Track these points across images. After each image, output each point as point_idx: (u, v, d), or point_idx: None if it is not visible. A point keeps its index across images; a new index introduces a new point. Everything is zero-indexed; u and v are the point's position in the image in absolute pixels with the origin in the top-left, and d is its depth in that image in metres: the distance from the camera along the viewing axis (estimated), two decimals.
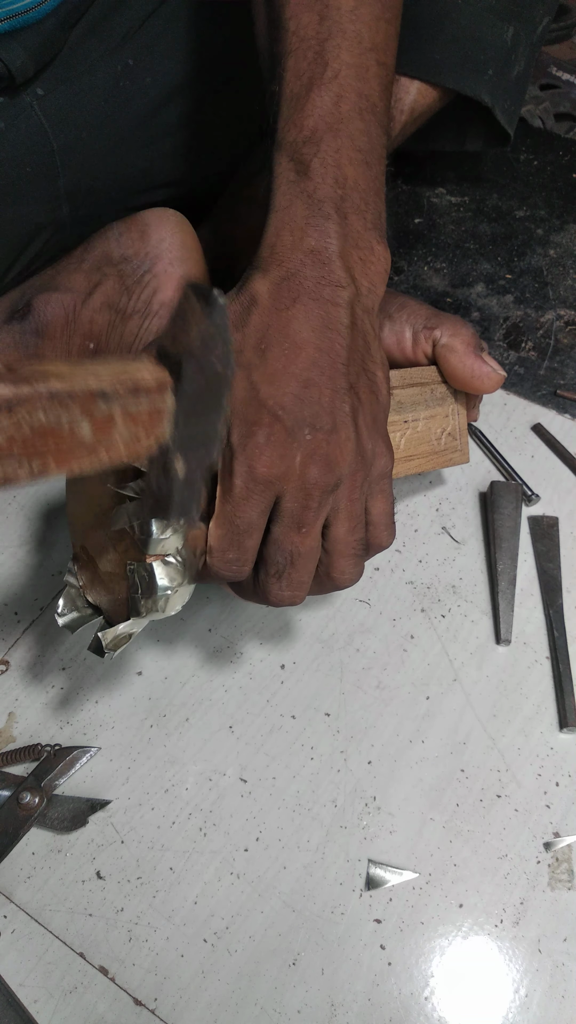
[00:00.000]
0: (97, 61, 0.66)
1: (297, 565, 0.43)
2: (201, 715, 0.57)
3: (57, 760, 0.54)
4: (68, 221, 0.70)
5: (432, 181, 0.90)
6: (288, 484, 0.42)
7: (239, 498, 0.41)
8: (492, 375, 0.55)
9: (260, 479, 0.41)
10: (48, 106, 0.65)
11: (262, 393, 0.41)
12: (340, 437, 0.43)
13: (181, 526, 0.41)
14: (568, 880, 0.51)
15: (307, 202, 0.44)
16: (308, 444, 0.42)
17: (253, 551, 0.43)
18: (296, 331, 0.42)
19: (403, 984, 0.49)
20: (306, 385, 0.42)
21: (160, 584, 0.41)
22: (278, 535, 0.42)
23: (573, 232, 0.86)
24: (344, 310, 0.44)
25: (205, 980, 0.49)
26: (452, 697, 0.58)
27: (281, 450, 0.41)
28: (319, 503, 0.42)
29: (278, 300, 0.43)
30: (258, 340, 0.42)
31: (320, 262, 0.43)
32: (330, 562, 0.45)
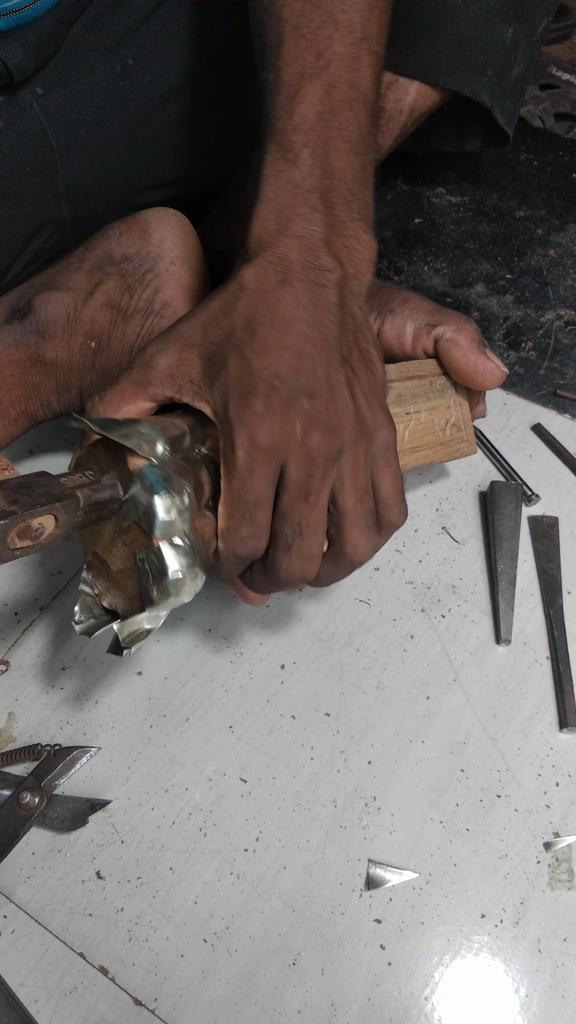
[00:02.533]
0: (97, 60, 0.66)
1: (306, 535, 0.42)
2: (201, 715, 0.57)
3: (57, 760, 0.54)
4: (68, 220, 0.70)
5: (432, 181, 0.90)
6: (291, 452, 0.41)
7: (244, 470, 0.41)
8: (495, 371, 0.56)
9: (262, 448, 0.40)
10: (47, 105, 0.65)
11: (255, 366, 0.41)
12: (338, 405, 0.42)
13: (185, 505, 0.41)
14: (568, 880, 0.51)
15: (293, 192, 0.45)
16: (307, 411, 0.41)
17: (266, 526, 0.42)
18: (285, 309, 0.43)
19: (403, 984, 0.49)
20: (299, 356, 0.42)
21: (170, 567, 0.41)
22: (285, 506, 0.42)
23: (573, 232, 0.86)
24: (332, 291, 0.44)
25: (205, 980, 0.49)
26: (452, 697, 0.58)
27: (280, 418, 0.41)
28: (323, 470, 0.42)
29: (264, 283, 0.43)
30: (247, 320, 0.43)
31: (306, 248, 0.44)
32: (342, 537, 0.44)
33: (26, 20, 0.60)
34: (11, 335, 0.59)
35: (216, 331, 0.43)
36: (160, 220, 0.62)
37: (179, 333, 0.44)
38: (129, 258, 0.62)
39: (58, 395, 0.60)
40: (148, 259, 0.62)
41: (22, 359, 0.59)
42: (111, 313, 0.60)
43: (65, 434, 0.70)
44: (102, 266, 0.61)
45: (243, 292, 0.44)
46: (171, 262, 0.62)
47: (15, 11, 0.58)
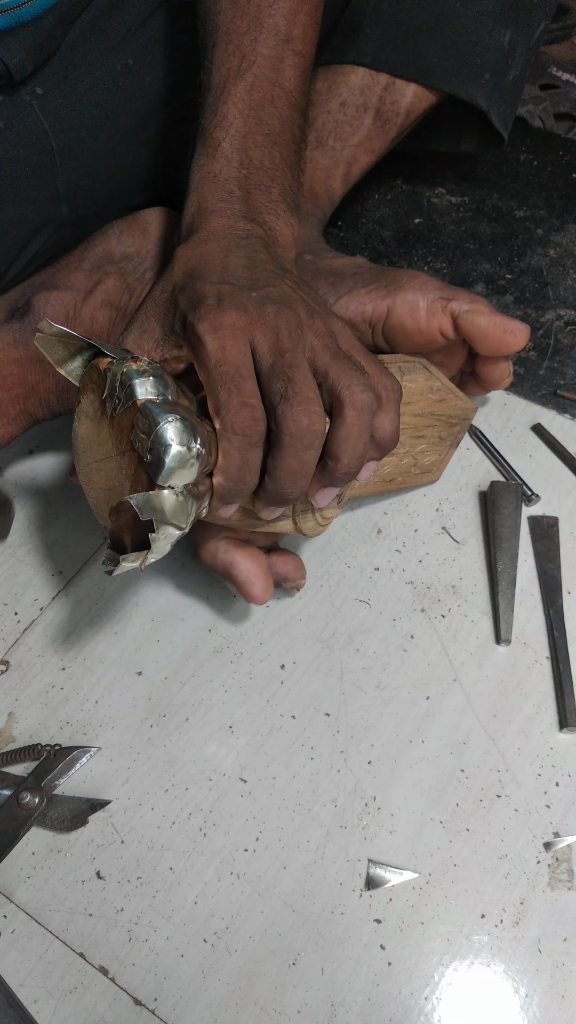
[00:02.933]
0: (97, 60, 0.66)
1: (296, 381, 0.42)
2: (201, 715, 0.57)
3: (57, 760, 0.54)
4: (67, 220, 0.70)
5: (432, 181, 0.90)
6: (254, 328, 0.43)
7: (216, 350, 0.42)
8: (521, 328, 0.57)
9: (225, 326, 0.42)
10: (47, 105, 0.65)
11: (199, 286, 0.45)
12: (284, 291, 0.45)
13: (169, 393, 0.41)
14: (568, 880, 0.51)
15: (212, 181, 0.50)
16: (256, 297, 0.44)
17: (256, 395, 0.42)
18: (214, 253, 0.47)
19: (403, 984, 0.49)
20: (240, 270, 0.46)
21: (162, 422, 0.40)
22: (266, 368, 0.43)
23: (573, 232, 0.86)
24: (258, 244, 0.48)
25: (205, 980, 0.49)
26: (452, 697, 0.58)
27: (232, 303, 0.43)
28: (289, 333, 0.43)
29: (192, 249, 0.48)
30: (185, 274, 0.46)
31: (226, 219, 0.49)
32: (338, 391, 0.44)
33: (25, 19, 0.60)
34: (10, 334, 0.59)
35: (162, 295, 0.47)
36: (160, 219, 0.63)
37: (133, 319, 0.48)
38: (129, 257, 0.62)
39: (57, 394, 0.60)
40: (148, 258, 0.62)
41: (21, 358, 0.59)
42: (111, 312, 0.60)
43: (65, 433, 0.70)
44: (102, 265, 0.61)
45: (176, 260, 0.48)
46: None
47: (14, 8, 0.58)
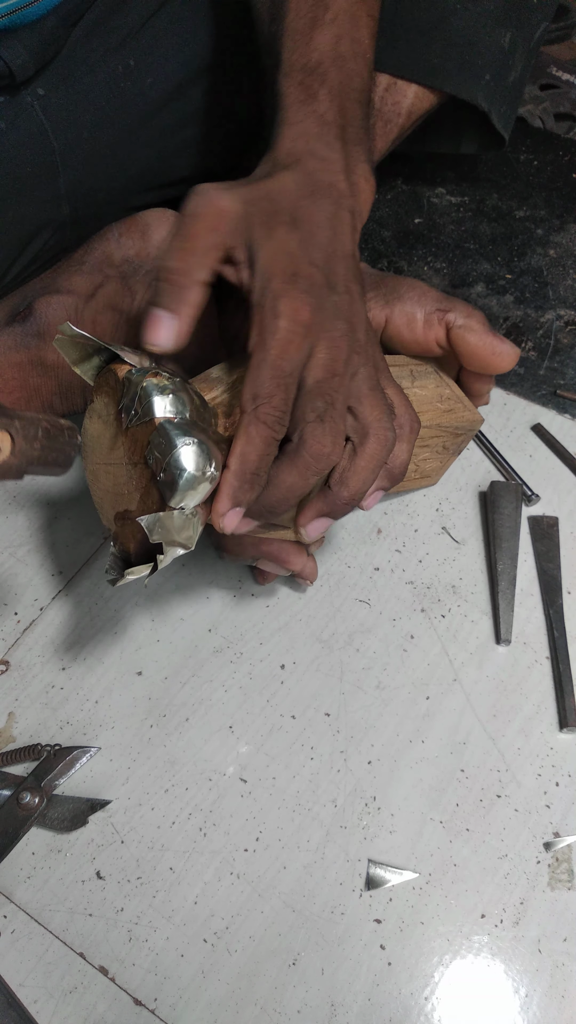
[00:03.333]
0: (98, 61, 0.66)
1: (337, 408, 0.43)
2: (201, 715, 0.57)
3: (57, 760, 0.54)
4: (68, 221, 0.70)
5: (432, 181, 0.90)
6: (321, 335, 0.42)
7: (284, 340, 0.41)
8: (511, 352, 0.57)
9: (303, 323, 0.41)
10: (49, 106, 0.65)
11: (299, 249, 0.43)
12: (357, 311, 0.45)
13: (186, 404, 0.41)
14: (568, 880, 0.51)
15: (318, 121, 0.48)
16: (334, 304, 0.43)
17: (291, 402, 0.42)
18: (315, 215, 0.45)
19: (403, 984, 0.49)
20: (329, 257, 0.44)
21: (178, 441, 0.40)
22: (314, 383, 0.42)
23: (573, 232, 0.86)
24: (347, 215, 0.46)
25: (205, 980, 0.49)
26: (452, 697, 0.58)
27: (318, 301, 0.42)
28: (346, 357, 0.43)
29: (300, 189, 0.45)
30: (290, 212, 0.44)
31: (330, 171, 0.46)
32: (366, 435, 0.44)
33: (28, 20, 0.60)
34: (12, 337, 0.59)
35: (266, 203, 0.44)
36: (159, 221, 0.63)
37: (237, 189, 0.44)
38: (129, 260, 0.62)
39: (60, 397, 0.60)
40: (148, 260, 0.62)
41: (23, 362, 0.59)
42: (113, 315, 0.60)
43: None
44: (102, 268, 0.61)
45: (284, 190, 0.45)
46: None
47: (18, 9, 0.58)
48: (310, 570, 0.58)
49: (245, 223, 0.42)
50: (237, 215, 0.42)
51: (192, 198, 0.43)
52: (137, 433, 0.41)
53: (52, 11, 0.62)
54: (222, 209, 0.42)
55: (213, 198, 0.42)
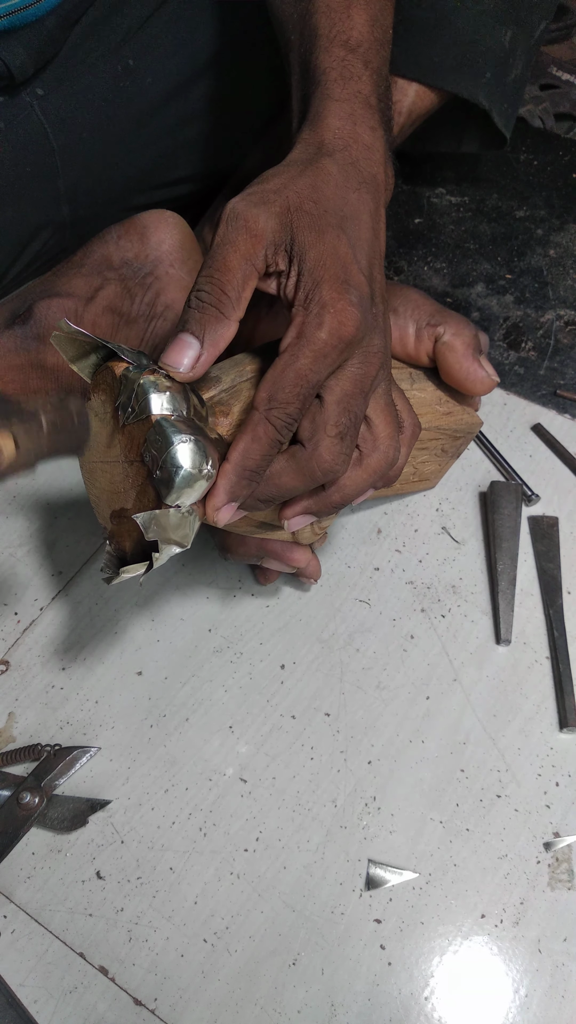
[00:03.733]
0: (97, 61, 0.66)
1: (357, 426, 0.42)
2: (201, 715, 0.57)
3: (57, 760, 0.54)
4: (68, 221, 0.70)
5: (432, 181, 0.90)
6: (357, 351, 0.41)
7: (320, 353, 0.40)
8: (485, 380, 0.56)
9: (344, 339, 0.40)
10: (48, 106, 0.65)
11: (351, 254, 0.41)
12: (388, 322, 0.44)
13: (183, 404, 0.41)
14: (568, 880, 0.51)
15: (364, 104, 0.46)
16: (374, 315, 0.42)
17: (305, 412, 0.41)
18: (360, 213, 0.43)
19: (403, 984, 0.49)
20: (371, 261, 0.43)
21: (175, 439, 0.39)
22: (343, 394, 0.41)
23: (573, 232, 0.86)
24: (383, 210, 0.45)
25: (205, 980, 0.49)
26: (452, 697, 0.58)
27: (363, 315, 0.41)
28: (376, 374, 0.42)
29: (347, 181, 0.43)
30: (338, 208, 0.42)
31: (373, 161, 0.45)
32: (374, 447, 0.44)
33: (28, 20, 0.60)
34: (12, 340, 0.59)
35: (311, 203, 0.42)
36: (157, 223, 0.62)
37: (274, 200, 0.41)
38: (128, 262, 0.62)
39: None
40: (147, 262, 0.62)
41: (23, 364, 0.59)
42: (113, 318, 0.60)
43: None
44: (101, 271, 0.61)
45: (331, 180, 0.43)
46: (171, 264, 0.62)
47: (18, 10, 0.58)
48: (313, 568, 0.58)
49: (285, 234, 0.41)
50: (275, 232, 0.41)
51: (224, 222, 0.41)
52: (134, 431, 0.41)
53: (52, 11, 0.62)
54: (258, 233, 0.40)
55: (247, 220, 0.40)
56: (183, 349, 0.40)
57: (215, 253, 0.40)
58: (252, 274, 0.41)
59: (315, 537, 0.53)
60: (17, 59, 0.61)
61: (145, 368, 0.41)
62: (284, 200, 0.41)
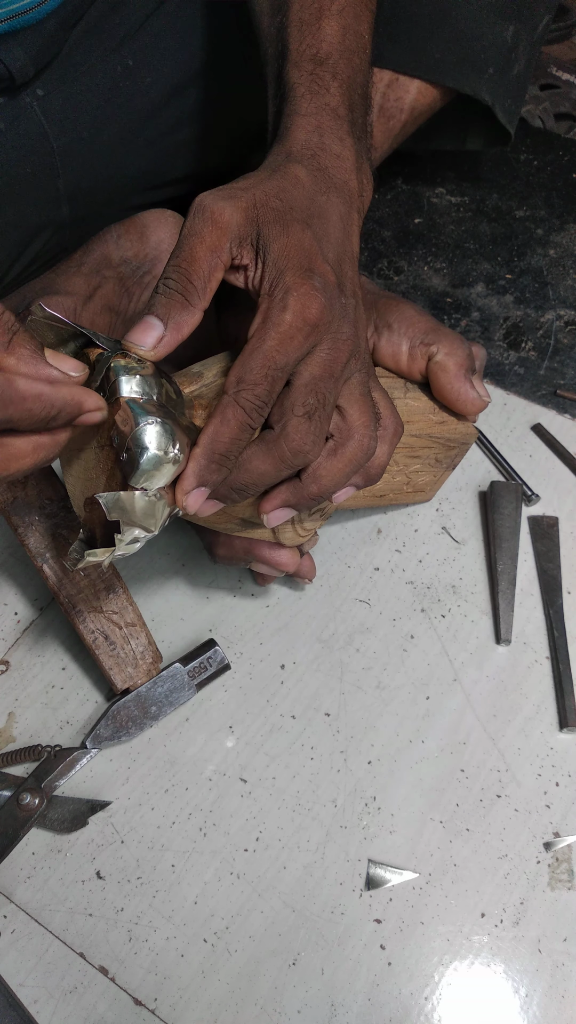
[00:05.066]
0: (97, 61, 0.66)
1: (327, 409, 0.42)
2: (201, 715, 0.57)
3: (57, 761, 0.54)
4: (68, 221, 0.70)
5: (432, 181, 0.90)
6: (325, 336, 0.42)
7: (286, 335, 0.40)
8: (476, 401, 0.57)
9: (310, 321, 0.41)
10: (48, 106, 0.65)
11: (315, 246, 0.42)
12: (360, 317, 0.44)
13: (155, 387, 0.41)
14: (568, 880, 0.51)
15: (332, 115, 0.47)
16: (343, 305, 0.43)
17: (275, 395, 0.41)
18: (329, 214, 0.44)
19: (403, 984, 0.49)
20: (340, 257, 0.44)
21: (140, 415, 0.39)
22: (310, 379, 0.42)
23: (573, 232, 0.86)
24: (356, 215, 0.46)
25: (205, 980, 0.49)
26: (452, 697, 0.58)
27: (328, 300, 0.41)
28: (347, 360, 0.43)
29: (317, 185, 0.44)
30: (305, 207, 0.43)
31: (343, 168, 0.46)
32: (349, 436, 0.44)
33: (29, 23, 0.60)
34: None
35: (277, 201, 0.43)
36: (157, 222, 0.62)
37: (241, 196, 0.42)
38: (127, 261, 0.62)
39: None
40: (146, 261, 0.62)
41: None
42: (110, 316, 0.60)
43: None
44: (100, 269, 0.61)
45: (299, 184, 0.44)
46: None
47: (19, 14, 0.58)
48: (306, 569, 0.58)
49: (251, 227, 0.42)
50: (240, 225, 0.41)
51: (192, 214, 0.42)
52: (105, 414, 0.41)
53: (52, 14, 0.62)
54: (224, 225, 0.41)
55: (214, 213, 0.41)
56: (147, 330, 0.41)
57: (182, 244, 0.41)
58: (218, 265, 0.41)
59: (300, 539, 0.52)
60: (18, 61, 0.61)
61: (117, 352, 0.41)
62: (251, 196, 0.42)
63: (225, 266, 0.42)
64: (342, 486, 0.46)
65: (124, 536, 0.40)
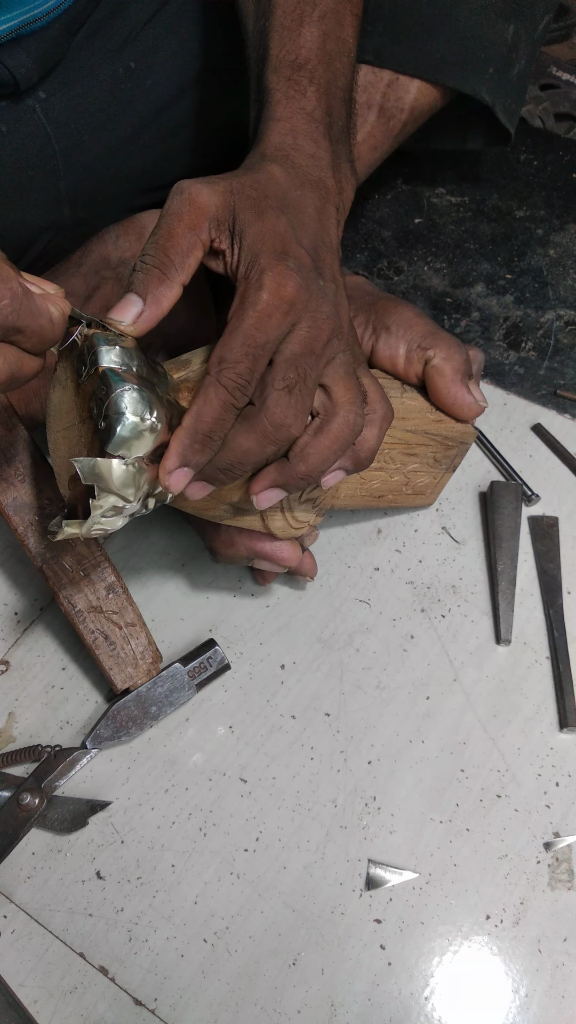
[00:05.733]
0: (99, 64, 0.66)
1: (308, 384, 0.43)
2: (201, 715, 0.57)
3: (57, 761, 0.54)
4: (69, 223, 0.70)
5: (432, 181, 0.90)
6: (305, 314, 0.42)
7: (264, 313, 0.41)
8: (473, 406, 0.57)
9: (286, 298, 0.41)
10: (50, 109, 0.65)
11: (289, 232, 0.43)
12: (342, 300, 0.45)
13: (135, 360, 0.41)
14: (568, 880, 0.51)
15: (307, 119, 0.48)
16: (321, 287, 0.43)
17: (258, 374, 0.42)
18: (304, 206, 0.45)
19: (403, 984, 0.49)
20: (316, 245, 0.45)
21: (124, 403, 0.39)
22: (290, 355, 0.42)
23: (573, 232, 0.86)
24: (333, 209, 0.47)
25: (205, 980, 0.49)
26: (452, 697, 0.58)
27: (304, 280, 0.42)
28: (328, 338, 0.43)
29: (291, 181, 0.45)
30: (281, 197, 0.44)
31: (318, 167, 0.47)
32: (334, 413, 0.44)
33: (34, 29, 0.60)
34: None
35: (253, 191, 0.44)
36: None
37: (219, 182, 0.43)
38: (125, 262, 0.62)
39: None
40: None
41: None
42: None
43: None
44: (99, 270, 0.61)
45: (273, 179, 0.45)
46: None
47: (24, 25, 0.58)
48: (308, 566, 0.58)
49: (228, 212, 0.42)
50: (218, 208, 0.42)
51: (171, 196, 0.43)
52: (86, 387, 0.41)
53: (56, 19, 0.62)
54: (202, 206, 0.42)
55: (193, 195, 0.42)
56: (127, 306, 0.41)
57: (161, 223, 0.42)
58: (196, 244, 0.42)
59: (294, 531, 0.52)
60: (22, 68, 0.61)
61: (98, 324, 0.41)
62: (228, 184, 0.43)
63: (204, 245, 0.42)
64: (330, 464, 0.45)
65: (100, 502, 0.40)
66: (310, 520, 0.53)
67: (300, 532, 0.53)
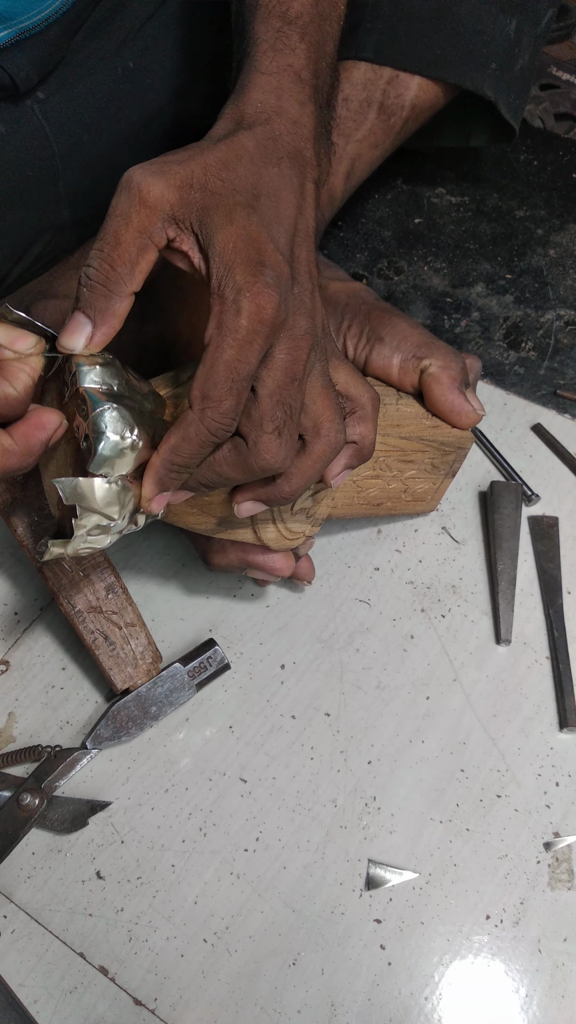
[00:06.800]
0: (97, 64, 0.66)
1: (295, 418, 0.41)
2: (201, 715, 0.57)
3: (57, 761, 0.54)
4: (68, 224, 0.70)
5: (432, 181, 0.90)
6: (283, 333, 0.40)
7: (243, 342, 0.38)
8: (470, 414, 0.56)
9: (266, 321, 0.38)
10: (49, 110, 0.65)
11: (264, 234, 0.40)
12: (316, 301, 0.42)
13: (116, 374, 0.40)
14: (568, 880, 0.51)
15: (294, 78, 0.44)
16: (296, 295, 0.41)
17: (241, 406, 0.40)
18: (280, 189, 0.42)
19: (403, 984, 0.49)
20: (291, 239, 0.42)
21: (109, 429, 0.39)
22: (275, 385, 0.40)
23: (573, 232, 0.86)
24: (311, 186, 0.43)
25: (205, 980, 0.49)
26: (452, 697, 0.58)
27: (283, 294, 0.39)
28: (307, 357, 0.41)
29: (266, 156, 0.42)
30: (251, 185, 0.41)
31: (300, 136, 0.43)
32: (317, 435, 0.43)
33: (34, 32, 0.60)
34: None
35: (218, 182, 0.40)
36: None
37: (175, 171, 0.39)
38: None
39: None
40: None
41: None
42: None
43: None
44: None
45: (245, 155, 0.41)
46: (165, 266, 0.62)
47: (28, 30, 0.58)
48: (305, 571, 0.58)
49: (187, 210, 0.39)
50: (172, 206, 0.39)
51: (117, 192, 0.39)
52: (70, 407, 0.41)
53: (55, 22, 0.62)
54: (153, 204, 0.38)
55: (141, 191, 0.38)
56: (76, 329, 0.40)
57: (106, 226, 0.39)
58: (148, 246, 0.39)
59: (287, 542, 0.52)
60: (22, 71, 0.60)
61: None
62: (187, 173, 0.39)
63: (158, 245, 0.39)
64: (312, 483, 0.45)
65: (84, 522, 0.40)
66: (304, 531, 0.52)
67: (294, 543, 0.52)
